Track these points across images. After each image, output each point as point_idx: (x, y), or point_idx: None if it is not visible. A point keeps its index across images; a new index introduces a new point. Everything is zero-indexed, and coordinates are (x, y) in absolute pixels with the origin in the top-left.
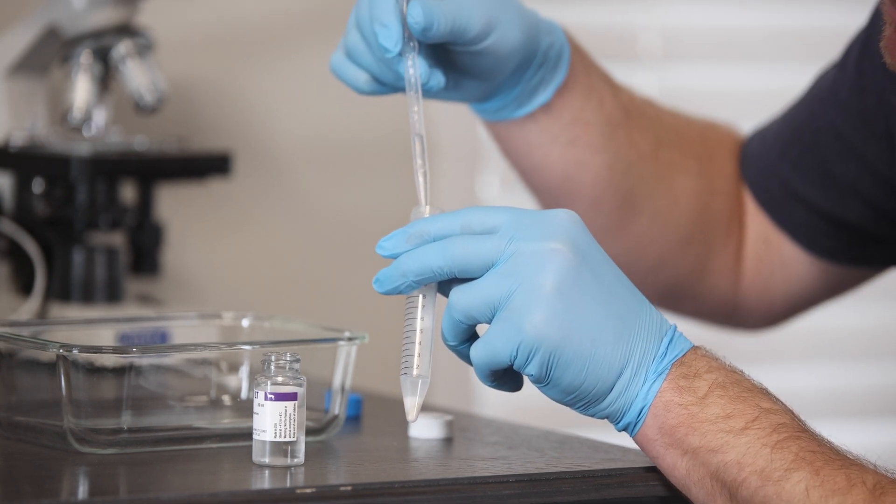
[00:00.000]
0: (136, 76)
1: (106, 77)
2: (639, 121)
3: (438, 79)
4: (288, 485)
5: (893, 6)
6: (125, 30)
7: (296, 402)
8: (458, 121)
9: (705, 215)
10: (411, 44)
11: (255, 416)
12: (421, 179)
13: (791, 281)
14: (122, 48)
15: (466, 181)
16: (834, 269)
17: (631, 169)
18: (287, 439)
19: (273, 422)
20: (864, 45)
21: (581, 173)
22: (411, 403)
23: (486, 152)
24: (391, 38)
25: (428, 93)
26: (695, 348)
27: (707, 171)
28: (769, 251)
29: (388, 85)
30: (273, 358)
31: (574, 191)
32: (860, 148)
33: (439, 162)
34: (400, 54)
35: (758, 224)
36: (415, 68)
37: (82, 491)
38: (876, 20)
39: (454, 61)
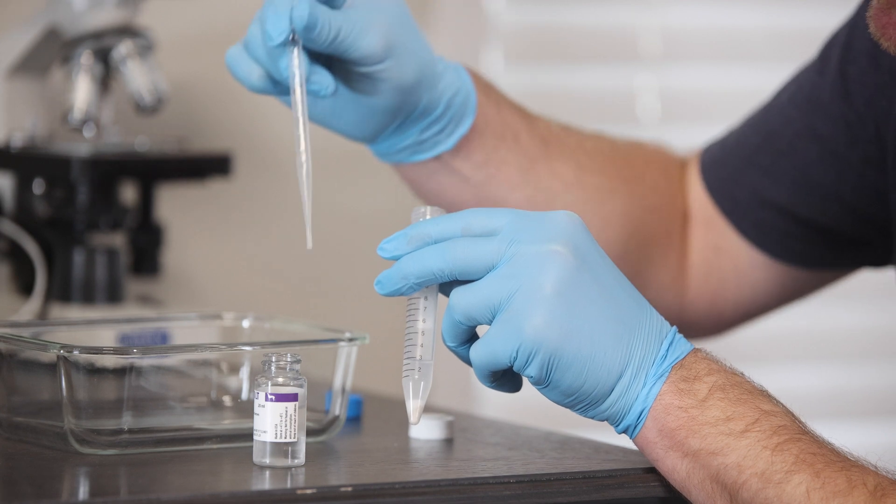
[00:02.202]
0: (137, 77)
1: (106, 78)
2: (559, 150)
3: (326, 80)
4: (289, 486)
5: None
6: (125, 30)
7: (296, 402)
8: None
9: (639, 234)
10: (296, 41)
11: (255, 416)
12: (305, 186)
13: (744, 288)
14: (122, 49)
15: None
16: (797, 273)
17: (555, 199)
18: (288, 440)
19: (274, 422)
20: (846, 48)
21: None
22: (414, 406)
23: None
24: (277, 27)
25: (316, 102)
26: (695, 350)
27: (637, 191)
28: (720, 260)
29: (281, 85)
30: (273, 359)
31: None
32: (844, 153)
33: None
34: (283, 45)
35: (707, 234)
36: (299, 55)
37: (83, 492)
38: (858, 22)
39: (350, 83)
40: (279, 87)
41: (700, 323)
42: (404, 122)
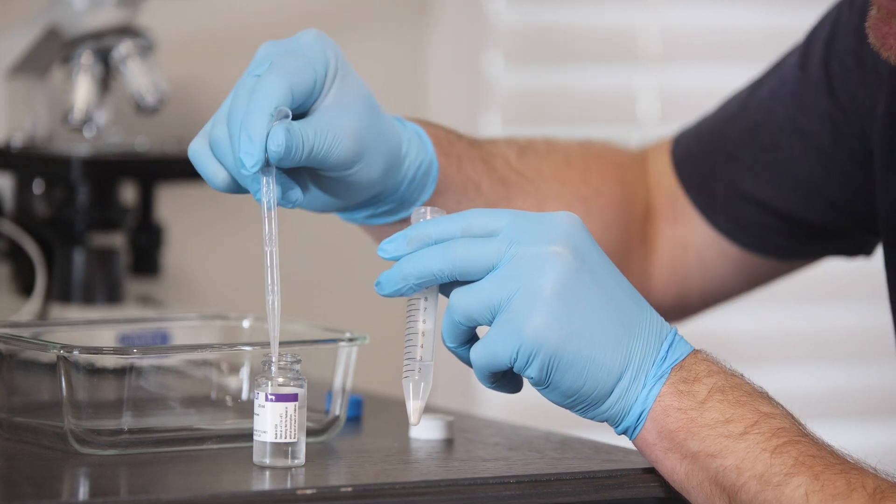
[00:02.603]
0: (137, 77)
1: (107, 78)
2: (519, 186)
3: (296, 195)
4: (289, 486)
5: None
6: (126, 30)
7: (296, 402)
8: (457, 120)
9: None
10: (270, 166)
11: (255, 416)
12: (270, 298)
13: (710, 280)
14: (122, 49)
15: None
16: (768, 263)
17: None
18: (288, 440)
19: (274, 423)
20: (829, 44)
21: None
22: (414, 406)
23: None
24: (252, 157)
25: (284, 206)
26: (695, 352)
27: (595, 209)
28: (687, 255)
29: (246, 189)
30: (274, 359)
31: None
32: (829, 149)
33: None
34: (259, 172)
35: (674, 230)
36: (269, 189)
37: (83, 492)
38: (840, 17)
39: (315, 178)
40: (244, 191)
41: (666, 314)
42: (366, 200)
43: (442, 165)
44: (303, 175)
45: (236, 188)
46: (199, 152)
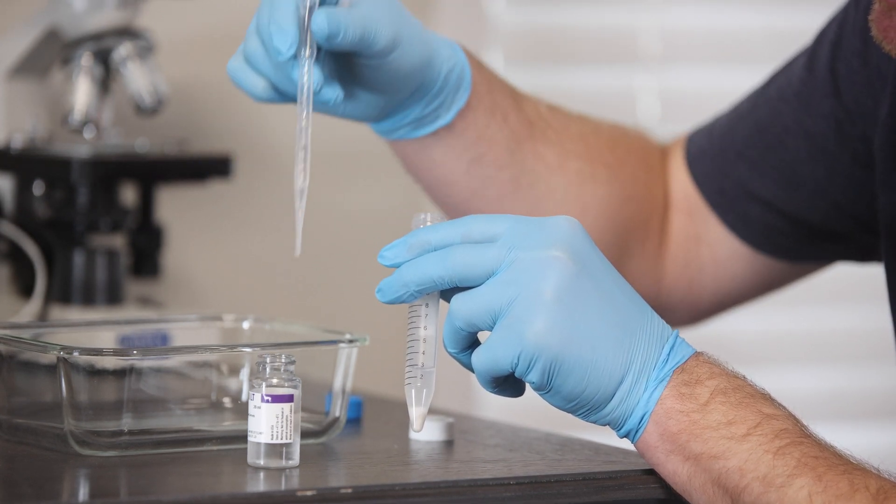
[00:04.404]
0: (137, 78)
1: (107, 79)
2: (544, 133)
3: (335, 91)
4: (289, 487)
5: None
6: (126, 32)
7: (292, 403)
8: None
9: (616, 221)
10: (308, 51)
11: (250, 418)
12: (298, 198)
13: (722, 278)
14: (122, 50)
15: None
16: (778, 265)
17: (538, 181)
18: (283, 441)
19: (270, 424)
20: (836, 45)
21: (487, 188)
22: (417, 413)
23: None
24: (286, 41)
25: (324, 105)
26: (697, 354)
27: (617, 178)
28: (699, 250)
29: (287, 94)
30: (268, 360)
31: (481, 206)
32: (834, 150)
33: None
34: (294, 57)
35: (688, 223)
36: (309, 75)
37: (83, 493)
38: (847, 19)
39: (355, 74)
40: (285, 97)
41: (676, 309)
42: (405, 100)
43: (475, 80)
44: (342, 74)
45: (278, 97)
46: (236, 68)
